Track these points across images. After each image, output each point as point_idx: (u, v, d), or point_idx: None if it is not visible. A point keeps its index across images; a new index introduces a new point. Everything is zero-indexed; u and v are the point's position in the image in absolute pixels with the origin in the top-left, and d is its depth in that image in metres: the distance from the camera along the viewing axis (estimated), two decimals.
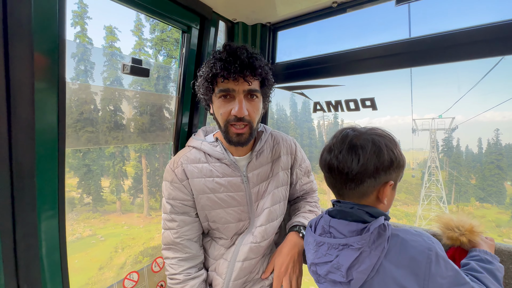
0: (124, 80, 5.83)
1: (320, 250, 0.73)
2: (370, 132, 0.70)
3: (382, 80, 46.63)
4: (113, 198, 10.85)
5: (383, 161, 0.65)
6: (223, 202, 0.97)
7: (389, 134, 0.72)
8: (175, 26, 1.21)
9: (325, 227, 0.74)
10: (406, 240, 0.63)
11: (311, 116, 31.25)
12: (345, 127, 0.75)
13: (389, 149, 0.67)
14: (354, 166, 0.65)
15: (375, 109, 1.23)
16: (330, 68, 1.34)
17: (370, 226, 0.64)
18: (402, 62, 1.12)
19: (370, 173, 0.65)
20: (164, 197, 0.99)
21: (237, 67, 0.83)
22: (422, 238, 0.63)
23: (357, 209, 0.68)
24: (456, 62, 1.04)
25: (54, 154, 0.84)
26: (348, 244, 0.66)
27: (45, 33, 0.75)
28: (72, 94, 0.93)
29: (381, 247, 0.62)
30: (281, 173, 1.05)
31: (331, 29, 36.87)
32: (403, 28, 1.50)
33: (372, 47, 1.19)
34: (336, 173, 0.69)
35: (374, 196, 0.69)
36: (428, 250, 0.60)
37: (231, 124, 0.89)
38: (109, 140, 1.03)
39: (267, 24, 1.47)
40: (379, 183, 0.67)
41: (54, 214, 0.85)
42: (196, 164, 0.97)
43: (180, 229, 0.98)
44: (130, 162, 11.29)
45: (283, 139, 1.10)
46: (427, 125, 25.20)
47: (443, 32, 1.03)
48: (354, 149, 0.67)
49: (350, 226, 0.68)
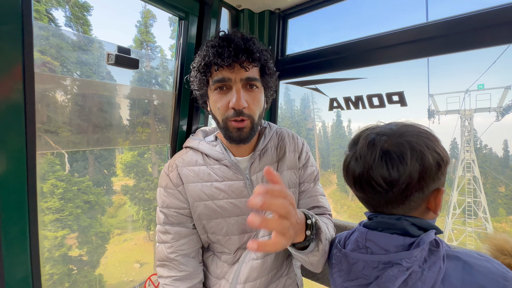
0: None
1: (353, 270, 0.60)
2: (402, 132, 0.56)
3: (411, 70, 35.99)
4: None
5: (429, 168, 0.53)
6: (224, 211, 0.85)
7: (425, 130, 0.58)
8: (171, 12, 1.06)
9: (360, 242, 0.61)
10: (470, 264, 0.51)
11: (311, 114, 26.90)
12: (365, 129, 0.62)
13: (432, 150, 0.54)
14: (394, 181, 0.53)
15: (404, 105, 1.04)
16: (348, 58, 1.16)
17: (421, 240, 0.53)
18: (439, 46, 0.93)
19: (416, 186, 0.53)
20: (158, 205, 0.89)
21: (231, 51, 0.74)
22: (492, 264, 0.51)
23: (404, 220, 0.56)
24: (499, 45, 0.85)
25: (22, 159, 0.70)
26: (392, 262, 0.54)
27: (5, 14, 0.62)
28: (43, 88, 0.79)
29: (436, 268, 0.51)
30: (286, 172, 0.92)
31: (348, 15, 33.98)
32: (436, 5, 1.27)
33: (399, 30, 1.00)
34: (372, 191, 0.56)
35: (423, 208, 0.57)
36: (503, 280, 0.48)
37: (230, 120, 0.80)
38: (90, 142, 0.90)
39: (276, 10, 1.30)
40: (428, 193, 0.55)
41: (21, 234, 0.71)
42: (192, 167, 0.87)
43: (175, 243, 0.86)
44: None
45: (289, 135, 0.97)
46: (455, 103, 13.64)
47: (492, 7, 0.84)
48: (390, 159, 0.54)
49: (395, 240, 0.55)
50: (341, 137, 22.65)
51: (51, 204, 6.09)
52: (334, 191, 21.02)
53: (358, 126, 0.93)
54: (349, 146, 0.63)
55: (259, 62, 0.80)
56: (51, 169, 5.96)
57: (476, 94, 13.85)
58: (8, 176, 0.68)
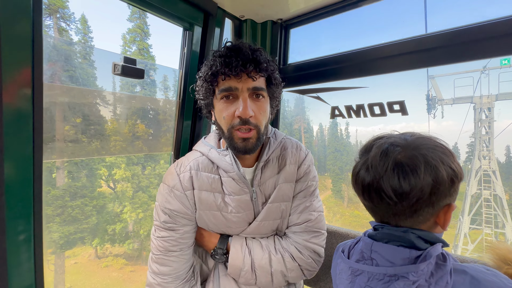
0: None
1: (358, 281, 0.59)
2: (417, 145, 0.55)
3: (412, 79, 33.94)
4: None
5: (442, 183, 0.51)
6: (231, 223, 0.85)
7: (441, 143, 0.56)
8: (175, 22, 1.09)
9: (365, 252, 0.60)
10: (478, 279, 0.50)
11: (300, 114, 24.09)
12: (379, 137, 0.60)
13: (446, 166, 0.52)
14: (405, 193, 0.51)
15: (405, 114, 1.05)
16: (349, 68, 1.18)
17: (427, 254, 0.52)
18: (438, 57, 0.94)
19: (427, 201, 0.52)
20: (158, 202, 0.84)
21: (239, 61, 0.74)
22: (500, 279, 0.50)
23: (411, 233, 0.55)
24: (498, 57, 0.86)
25: (28, 167, 0.72)
26: (398, 275, 0.52)
27: (16, 25, 0.64)
28: (51, 97, 0.81)
29: (443, 282, 0.50)
30: (283, 185, 0.88)
31: (349, 25, 33.38)
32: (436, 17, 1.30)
33: (401, 41, 1.02)
34: (380, 201, 0.55)
35: (431, 222, 0.56)
36: None
37: (235, 129, 0.78)
38: (97, 151, 0.91)
39: (278, 21, 1.33)
40: (438, 208, 0.54)
41: (27, 240, 0.72)
42: (208, 174, 0.84)
43: (175, 240, 0.82)
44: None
45: (293, 147, 0.93)
46: (466, 86, 9.12)
47: (489, 20, 0.86)
48: (402, 171, 0.52)
49: (401, 252, 0.54)
50: (337, 140, 21.74)
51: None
52: (328, 197, 19.90)
53: (356, 130, 0.91)
54: (360, 153, 0.61)
55: (266, 72, 0.80)
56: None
57: (499, 73, 8.97)
58: (15, 184, 0.69)
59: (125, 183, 8.85)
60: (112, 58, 0.90)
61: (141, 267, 8.76)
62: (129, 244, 8.67)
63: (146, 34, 8.76)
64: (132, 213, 8.53)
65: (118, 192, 8.76)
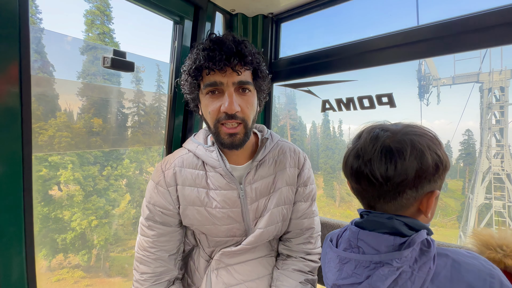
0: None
1: (345, 269, 0.60)
2: (406, 131, 0.57)
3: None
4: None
5: (426, 168, 0.53)
6: (215, 219, 0.84)
7: (430, 132, 0.59)
8: (165, 16, 1.08)
9: (352, 241, 0.62)
10: (459, 262, 0.52)
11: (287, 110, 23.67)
12: (372, 125, 0.63)
13: (432, 152, 0.54)
14: (390, 175, 0.53)
15: (393, 106, 1.07)
16: (339, 61, 1.20)
17: (411, 240, 0.53)
18: (428, 50, 0.96)
19: (410, 183, 0.53)
20: (145, 198, 0.87)
21: (222, 55, 0.72)
22: (479, 262, 0.52)
23: (395, 220, 0.57)
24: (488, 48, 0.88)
25: (17, 160, 0.71)
26: (383, 262, 0.54)
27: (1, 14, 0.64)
28: (39, 89, 0.80)
29: (426, 268, 0.51)
30: (284, 188, 0.89)
31: (340, 20, 33.42)
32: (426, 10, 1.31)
33: (389, 34, 1.04)
34: (367, 183, 0.57)
35: (414, 208, 0.58)
36: (490, 277, 0.50)
37: (221, 124, 0.78)
38: (89, 144, 0.91)
39: (269, 15, 1.33)
40: (421, 193, 0.56)
41: (17, 236, 0.72)
42: (192, 170, 0.84)
43: (157, 239, 0.84)
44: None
45: (290, 150, 0.94)
46: (470, 59, 6.89)
47: (476, 12, 0.88)
48: (389, 154, 0.54)
49: (385, 240, 0.56)
50: (329, 137, 21.52)
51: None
52: (320, 196, 19.71)
53: (349, 128, 0.93)
54: (353, 141, 0.63)
55: (251, 65, 0.78)
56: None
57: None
58: (4, 178, 0.68)
59: (75, 186, 7.55)
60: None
61: (101, 280, 7.83)
62: (83, 255, 7.58)
63: (108, 17, 7.77)
64: (82, 220, 7.41)
65: (64, 197, 7.51)
